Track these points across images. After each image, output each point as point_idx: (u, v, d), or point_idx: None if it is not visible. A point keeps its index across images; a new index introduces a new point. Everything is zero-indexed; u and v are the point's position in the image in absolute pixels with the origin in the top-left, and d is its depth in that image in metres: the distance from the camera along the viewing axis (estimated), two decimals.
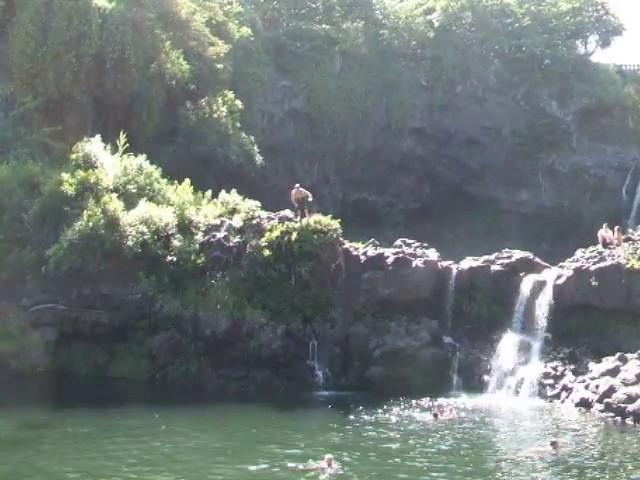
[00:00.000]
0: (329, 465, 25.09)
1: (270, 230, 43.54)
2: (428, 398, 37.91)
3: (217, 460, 26.96)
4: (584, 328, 41.58)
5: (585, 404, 36.82)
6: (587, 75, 76.82)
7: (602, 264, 41.54)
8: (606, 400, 35.83)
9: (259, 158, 60.53)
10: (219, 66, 60.91)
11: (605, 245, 43.72)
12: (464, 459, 27.50)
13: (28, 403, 33.80)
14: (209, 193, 47.13)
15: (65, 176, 44.06)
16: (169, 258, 42.44)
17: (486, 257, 44.91)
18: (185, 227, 44.08)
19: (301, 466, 25.27)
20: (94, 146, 46.65)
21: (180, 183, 47.13)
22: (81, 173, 44.34)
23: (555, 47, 77.29)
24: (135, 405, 36.16)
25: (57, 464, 25.75)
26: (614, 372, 37.37)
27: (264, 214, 45.07)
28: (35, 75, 51.67)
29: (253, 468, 25.72)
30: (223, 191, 46.95)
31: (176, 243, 42.81)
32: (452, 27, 77.73)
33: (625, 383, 36.20)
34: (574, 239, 56.61)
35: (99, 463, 25.84)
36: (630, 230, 48.03)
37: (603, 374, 37.62)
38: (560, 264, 43.72)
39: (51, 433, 30.63)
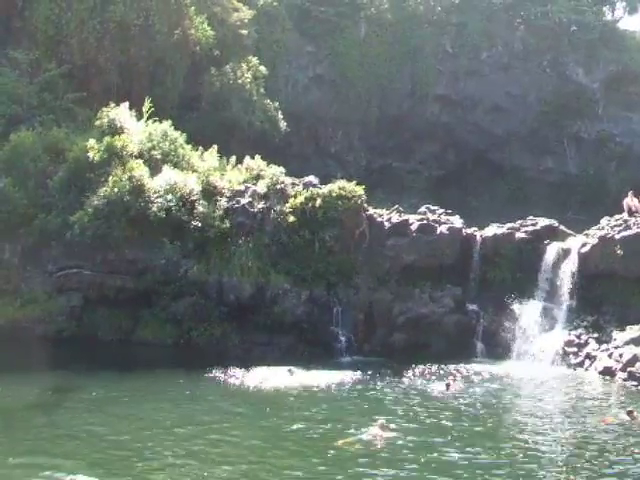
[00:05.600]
0: (382, 430, 25.10)
1: (294, 196, 43.54)
2: (450, 365, 37.96)
3: (239, 425, 27.11)
4: (608, 296, 41.34)
5: (608, 372, 36.72)
6: (614, 42, 76.32)
7: (627, 232, 41.26)
8: (629, 369, 35.73)
9: (283, 124, 60.53)
10: (243, 32, 60.87)
11: (631, 213, 43.41)
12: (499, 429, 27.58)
13: (53, 368, 34.02)
14: (233, 159, 47.11)
15: (91, 142, 44.14)
16: (194, 224, 42.44)
17: (511, 224, 44.68)
18: (209, 193, 44.08)
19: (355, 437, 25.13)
20: (119, 112, 46.66)
21: (205, 149, 47.16)
22: (107, 139, 44.39)
23: (582, 13, 76.75)
24: (159, 370, 36.36)
25: (82, 429, 25.96)
26: (638, 341, 37.25)
27: (288, 180, 45.00)
28: (59, 42, 51.91)
29: (284, 433, 25.89)
30: (247, 157, 46.89)
31: (200, 209, 42.81)
32: None
33: None
34: (599, 207, 56.41)
35: (123, 427, 26.01)
36: None
37: (627, 343, 37.52)
38: (585, 232, 43.46)
39: (76, 398, 30.83)
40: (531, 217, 45.44)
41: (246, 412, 28.87)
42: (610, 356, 37.46)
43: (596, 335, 39.55)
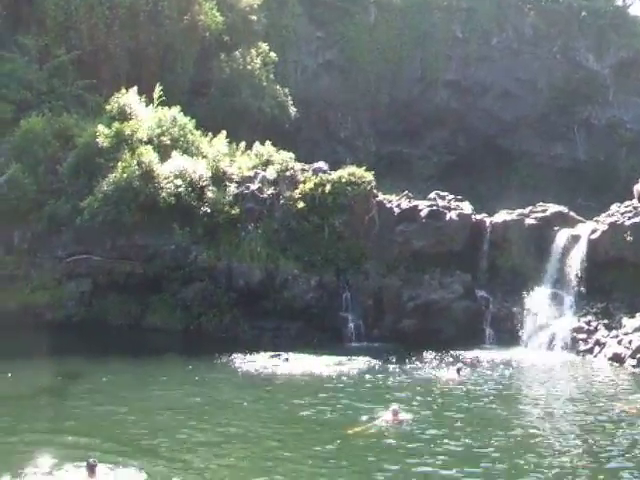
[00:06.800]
0: (395, 415, 25.11)
1: (304, 182, 43.53)
2: (459, 351, 37.96)
3: (249, 411, 27.14)
4: (618, 283, 41.27)
5: (618, 359, 36.67)
6: (625, 27, 75.91)
7: (638, 219, 41.13)
8: (639, 355, 35.67)
9: (293, 110, 60.44)
10: (253, 17, 60.72)
11: None
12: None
13: (63, 353, 34.16)
14: (243, 145, 47.11)
15: (100, 128, 44.15)
16: (203, 209, 42.52)
17: (520, 211, 44.63)
18: (219, 179, 44.13)
19: (367, 424, 25.09)
20: (129, 98, 46.67)
21: (214, 135, 47.12)
22: (116, 125, 44.39)
23: None
24: (168, 356, 36.50)
25: (91, 413, 26.06)
26: None
27: (298, 166, 44.98)
28: (69, 27, 51.89)
29: (295, 420, 25.96)
30: (257, 143, 46.89)
31: (210, 195, 42.87)
32: None
33: None
34: (609, 193, 56.26)
35: (132, 413, 26.09)
36: None
37: (636, 329, 37.43)
38: (595, 218, 43.38)
39: (86, 383, 30.97)
40: (541, 203, 45.39)
41: (255, 398, 28.86)
42: (619, 343, 37.39)
43: (605, 322, 39.52)
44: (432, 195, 46.27)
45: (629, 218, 41.39)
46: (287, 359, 34.65)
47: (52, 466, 20.07)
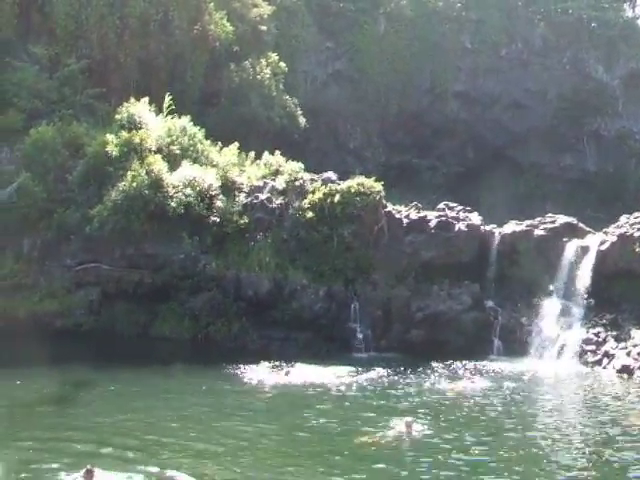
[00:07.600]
0: (408, 427, 24.98)
1: (313, 192, 43.55)
2: (467, 362, 37.89)
3: (257, 420, 27.10)
4: (627, 295, 41.18)
5: (626, 371, 36.54)
6: (634, 39, 75.96)
7: None
8: None
9: (302, 120, 60.56)
10: (263, 28, 60.91)
11: None
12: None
13: (72, 362, 34.15)
14: (252, 155, 47.18)
15: (109, 137, 44.23)
16: (212, 219, 42.56)
17: (529, 222, 44.57)
18: (228, 188, 44.18)
19: (379, 434, 25.00)
20: (138, 107, 46.73)
21: (224, 144, 47.18)
22: (125, 134, 44.44)
23: (602, 10, 76.45)
24: (176, 365, 36.47)
25: (99, 422, 26.03)
26: None
27: (307, 176, 45.02)
28: (79, 37, 52.05)
29: (302, 430, 25.90)
30: (266, 153, 46.96)
31: (219, 204, 42.91)
32: None
33: None
34: (618, 205, 56.22)
35: (139, 422, 26.08)
36: None
37: None
38: (604, 230, 43.31)
39: (94, 391, 30.91)
40: (550, 214, 45.31)
41: (263, 408, 28.87)
42: (628, 354, 37.30)
43: (614, 333, 39.40)
44: (441, 206, 46.30)
45: (638, 229, 41.31)
46: (288, 372, 34.47)
47: (55, 473, 20.13)
